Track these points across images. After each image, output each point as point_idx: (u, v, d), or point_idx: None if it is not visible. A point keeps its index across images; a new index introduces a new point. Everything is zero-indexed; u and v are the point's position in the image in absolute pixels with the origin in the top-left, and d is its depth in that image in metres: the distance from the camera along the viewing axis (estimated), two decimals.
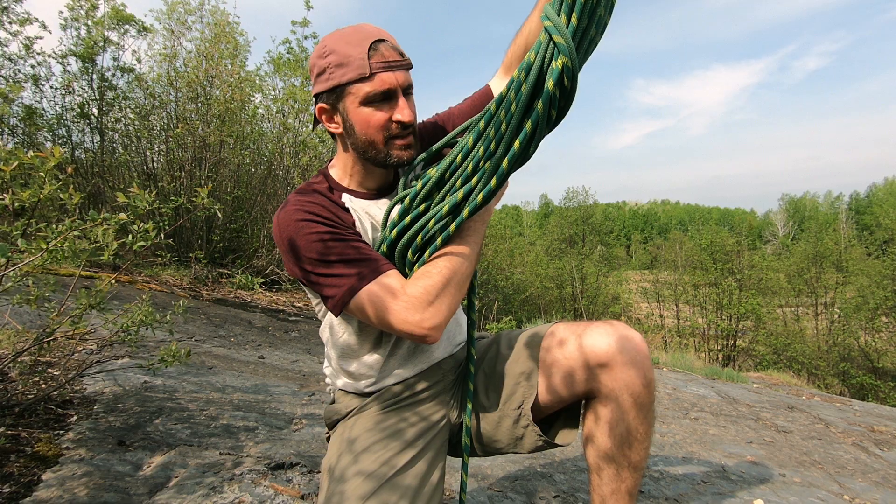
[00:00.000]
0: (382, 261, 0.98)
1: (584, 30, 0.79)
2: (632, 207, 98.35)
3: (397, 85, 0.98)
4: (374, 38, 0.97)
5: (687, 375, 5.05)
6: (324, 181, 1.11)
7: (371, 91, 0.96)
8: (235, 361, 3.05)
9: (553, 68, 0.78)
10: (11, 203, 1.22)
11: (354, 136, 1.02)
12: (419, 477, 0.99)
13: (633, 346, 0.98)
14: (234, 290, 5.51)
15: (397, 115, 0.99)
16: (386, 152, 1.02)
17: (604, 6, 0.79)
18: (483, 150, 0.90)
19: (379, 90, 0.96)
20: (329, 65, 0.98)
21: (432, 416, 1.11)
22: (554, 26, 0.76)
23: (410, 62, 1.02)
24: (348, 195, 1.09)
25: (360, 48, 0.96)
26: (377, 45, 0.97)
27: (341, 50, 0.97)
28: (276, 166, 6.93)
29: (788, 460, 2.59)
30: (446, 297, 0.93)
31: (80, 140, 5.86)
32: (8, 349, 1.89)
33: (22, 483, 1.33)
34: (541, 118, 0.83)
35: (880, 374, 14.25)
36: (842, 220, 56.53)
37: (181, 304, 1.97)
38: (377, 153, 1.03)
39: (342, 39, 0.98)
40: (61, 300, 1.84)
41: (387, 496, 0.93)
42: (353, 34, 0.98)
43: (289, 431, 2.04)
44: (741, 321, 18.49)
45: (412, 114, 1.00)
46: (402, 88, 0.99)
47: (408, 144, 1.03)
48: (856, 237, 35.50)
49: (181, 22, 6.10)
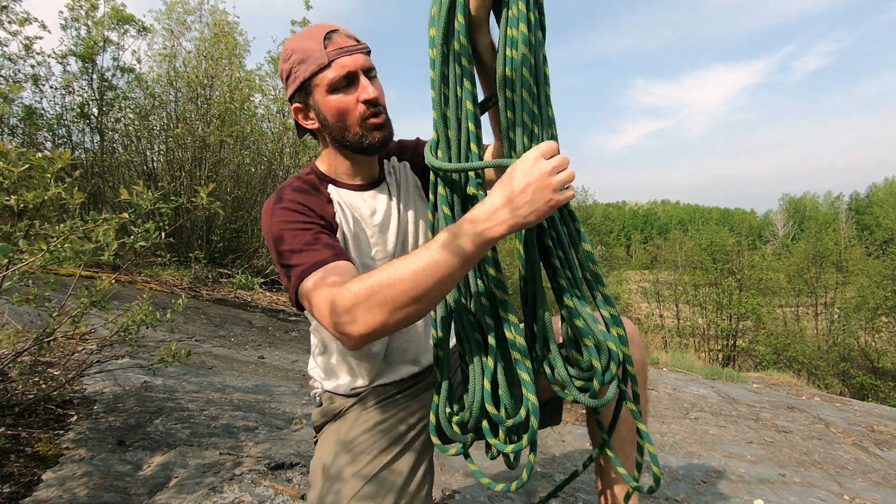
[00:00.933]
0: (340, 254, 0.95)
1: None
2: (632, 207, 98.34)
3: (357, 67, 1.01)
4: (328, 30, 1.02)
5: (687, 375, 5.05)
6: (312, 174, 1.13)
7: (334, 77, 1.00)
8: (235, 361, 3.05)
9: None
10: (17, 204, 1.22)
11: (329, 126, 1.06)
12: (405, 473, 1.02)
13: (631, 328, 1.10)
14: (234, 290, 5.51)
15: (362, 95, 1.02)
16: (361, 133, 1.05)
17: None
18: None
19: (340, 75, 1.00)
20: (293, 64, 1.03)
21: (420, 414, 1.13)
22: None
23: (367, 46, 1.07)
24: (334, 186, 1.12)
25: (316, 41, 1.01)
26: (331, 34, 1.02)
27: (300, 47, 1.02)
28: (276, 166, 6.93)
29: (788, 460, 2.59)
30: (385, 307, 0.79)
31: (80, 140, 5.86)
32: (8, 349, 1.89)
33: (22, 483, 1.33)
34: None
35: (880, 374, 14.25)
36: (842, 220, 56.53)
37: (181, 301, 1.97)
38: (353, 136, 1.05)
39: (300, 38, 1.04)
40: (61, 300, 1.84)
41: (374, 492, 0.96)
42: (308, 32, 1.04)
43: (289, 431, 2.04)
44: (741, 321, 18.49)
45: (376, 91, 1.03)
46: (363, 69, 1.03)
47: (380, 124, 1.05)
48: (856, 237, 35.51)
49: (181, 22, 6.10)
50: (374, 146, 1.06)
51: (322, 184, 1.11)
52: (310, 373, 1.23)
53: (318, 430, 1.17)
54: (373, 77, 1.06)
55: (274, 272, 6.34)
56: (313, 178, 1.12)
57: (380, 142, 1.06)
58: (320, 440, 1.13)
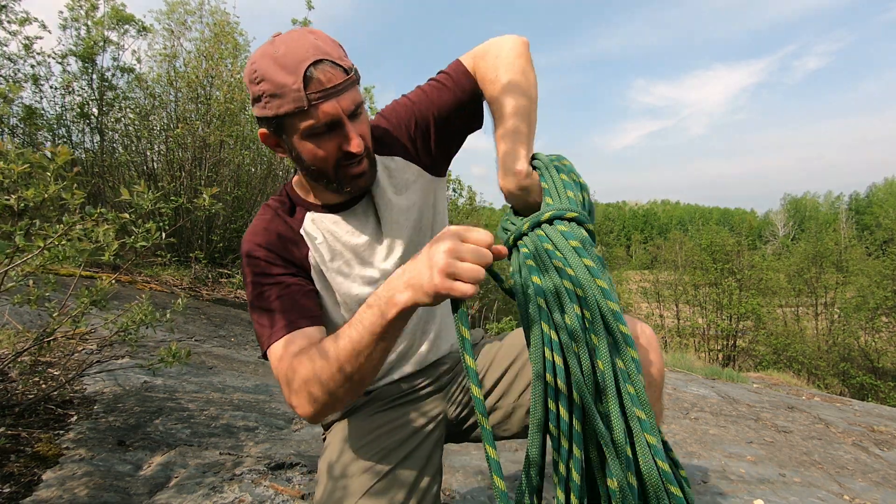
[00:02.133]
0: (292, 314, 0.92)
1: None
2: (632, 207, 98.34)
3: (341, 114, 0.87)
4: (310, 61, 0.84)
5: (687, 375, 5.05)
6: (286, 201, 1.06)
7: (313, 124, 0.86)
8: (235, 361, 3.05)
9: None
10: (17, 203, 1.22)
11: (304, 165, 0.95)
12: (415, 471, 1.00)
13: (650, 333, 1.01)
14: (234, 290, 5.51)
15: (345, 146, 0.90)
16: (338, 181, 0.95)
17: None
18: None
19: (322, 122, 0.87)
20: (263, 93, 0.86)
21: (430, 412, 1.12)
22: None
23: (355, 76, 0.91)
24: (312, 213, 1.04)
25: (294, 76, 0.83)
26: (313, 69, 0.84)
27: (273, 78, 0.84)
28: (276, 166, 6.93)
29: (788, 460, 2.59)
30: (313, 393, 0.82)
31: (79, 140, 5.86)
32: (8, 349, 1.89)
33: (22, 483, 1.33)
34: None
35: (880, 374, 14.24)
36: (842, 220, 56.48)
37: (181, 301, 1.97)
38: (328, 182, 0.96)
39: (274, 63, 0.84)
40: (61, 300, 1.84)
41: (386, 489, 0.95)
42: (284, 56, 0.84)
43: (289, 431, 2.04)
44: (741, 321, 18.48)
45: (361, 143, 0.90)
46: (348, 113, 0.89)
47: (360, 173, 0.95)
48: (856, 237, 35.48)
49: (181, 22, 6.10)
50: (351, 194, 0.99)
51: (297, 210, 1.04)
52: None
53: (327, 427, 1.17)
54: (358, 115, 0.92)
55: None
56: (287, 207, 1.05)
57: (360, 189, 0.98)
58: (329, 437, 1.13)
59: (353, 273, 1.03)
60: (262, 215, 1.04)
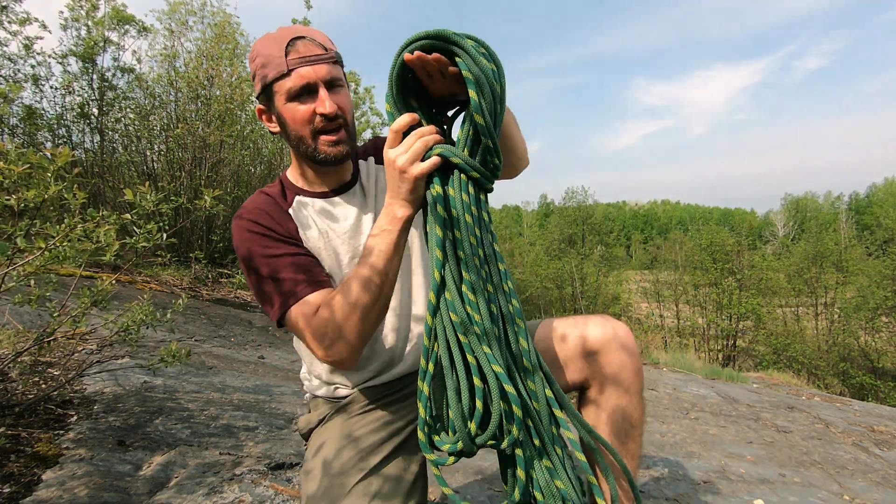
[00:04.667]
0: (302, 281, 0.99)
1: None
2: (632, 207, 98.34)
3: (316, 78, 0.99)
4: (293, 36, 0.99)
5: (687, 375, 5.05)
6: (277, 185, 1.13)
7: (292, 87, 0.98)
8: (235, 361, 3.05)
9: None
10: (17, 204, 1.23)
11: (287, 133, 1.04)
12: (402, 468, 1.03)
13: (624, 333, 1.05)
14: (234, 290, 5.51)
15: (319, 108, 0.99)
16: (314, 147, 1.02)
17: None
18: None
19: (298, 85, 0.98)
20: (257, 67, 1.01)
21: (409, 414, 1.13)
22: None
23: (335, 56, 1.03)
24: (302, 196, 1.11)
25: (279, 47, 0.98)
26: (295, 42, 0.99)
27: (264, 51, 1.00)
28: (276, 166, 6.94)
29: (788, 460, 2.59)
30: (351, 330, 0.92)
31: (80, 140, 5.87)
32: (8, 349, 1.89)
33: (22, 483, 1.33)
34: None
35: (880, 374, 14.25)
36: (842, 220, 56.47)
37: (181, 301, 1.97)
38: (307, 148, 1.03)
39: (265, 42, 1.01)
40: (62, 300, 1.84)
41: (374, 485, 0.98)
42: (274, 35, 1.01)
43: (289, 431, 2.04)
44: (741, 321, 18.49)
45: (333, 105, 0.99)
46: (325, 81, 1.00)
47: (336, 140, 1.02)
48: (856, 237, 35.46)
49: (182, 22, 6.10)
50: (328, 161, 1.04)
51: (288, 195, 1.11)
52: (301, 378, 1.24)
53: (306, 437, 1.18)
54: (337, 88, 1.02)
55: None
56: (277, 190, 1.11)
57: (335, 158, 1.03)
58: (312, 442, 1.13)
59: (339, 252, 1.08)
60: (254, 198, 1.10)
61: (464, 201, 0.83)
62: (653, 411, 3.34)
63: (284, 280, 0.98)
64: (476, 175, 0.84)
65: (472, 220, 0.83)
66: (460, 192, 0.84)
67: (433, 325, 0.83)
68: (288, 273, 0.99)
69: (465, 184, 0.84)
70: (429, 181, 0.86)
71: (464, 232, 0.82)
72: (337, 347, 0.93)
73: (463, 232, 0.82)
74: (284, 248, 1.02)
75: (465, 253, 0.81)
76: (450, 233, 0.83)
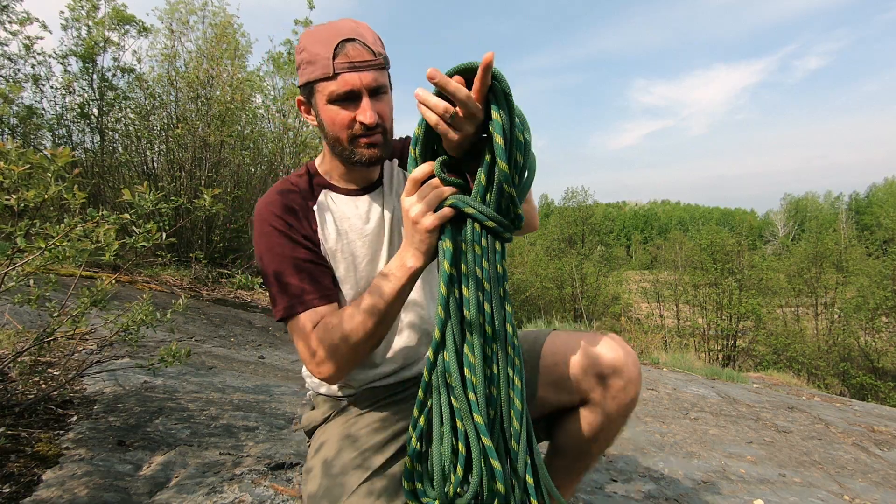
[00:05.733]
0: (310, 291, 1.01)
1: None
2: (632, 207, 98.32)
3: (361, 86, 0.97)
4: (344, 38, 0.96)
5: (687, 375, 5.05)
6: (304, 176, 1.12)
7: (335, 90, 0.97)
8: (235, 361, 3.05)
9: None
10: (17, 204, 1.22)
11: (324, 131, 1.04)
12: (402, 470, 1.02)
13: (634, 361, 1.01)
14: (234, 290, 5.51)
15: (360, 117, 0.98)
16: (350, 150, 1.02)
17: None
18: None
19: (342, 90, 0.96)
20: (302, 61, 1.00)
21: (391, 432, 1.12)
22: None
23: (383, 62, 1.00)
24: (328, 191, 1.11)
25: (327, 47, 0.96)
26: (345, 44, 0.96)
27: (311, 48, 0.98)
28: (277, 166, 6.94)
29: (788, 460, 2.59)
30: (341, 355, 0.95)
31: (80, 140, 5.87)
32: (8, 349, 1.89)
33: (22, 483, 1.33)
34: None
35: (880, 374, 14.25)
36: (842, 220, 56.46)
37: (181, 301, 1.97)
38: (342, 150, 1.03)
39: (315, 37, 0.99)
40: (62, 300, 1.84)
41: (378, 484, 0.98)
42: (325, 31, 0.98)
43: (289, 431, 2.04)
44: (741, 321, 18.50)
45: (375, 115, 0.98)
46: (369, 89, 0.97)
47: (372, 143, 1.01)
48: (856, 237, 35.45)
49: (183, 22, 6.10)
50: (361, 164, 1.04)
51: (314, 188, 1.10)
52: (303, 375, 1.24)
53: (310, 434, 1.19)
54: (380, 95, 1.00)
55: None
56: (304, 181, 1.11)
57: (368, 161, 1.03)
58: (315, 440, 1.14)
59: (356, 255, 1.08)
60: (279, 186, 1.09)
61: (475, 254, 0.81)
62: (653, 411, 3.34)
63: (293, 284, 1.00)
64: (492, 224, 0.80)
65: (482, 273, 0.80)
66: (472, 244, 0.81)
67: (429, 380, 0.83)
68: (298, 278, 1.01)
69: (478, 234, 0.81)
70: (443, 231, 0.84)
71: (472, 290, 0.79)
72: (325, 367, 0.97)
73: (471, 290, 0.79)
74: (299, 251, 1.03)
75: (471, 313, 0.79)
76: (456, 290, 0.81)
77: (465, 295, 0.80)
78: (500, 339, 0.82)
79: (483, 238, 0.81)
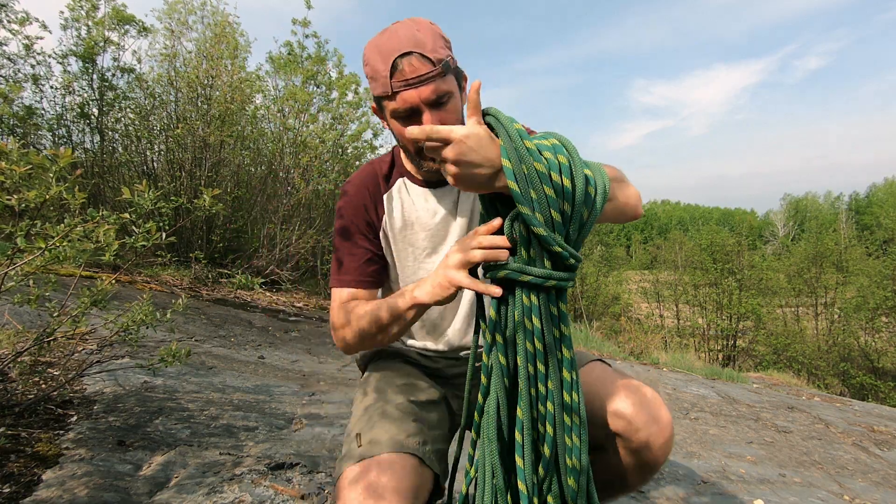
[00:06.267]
0: (354, 274, 1.13)
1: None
2: None
3: (419, 102, 0.96)
4: (401, 52, 0.94)
5: (687, 375, 5.05)
6: (388, 161, 1.18)
7: (396, 108, 0.97)
8: (235, 361, 3.05)
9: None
10: (18, 204, 1.23)
11: (396, 139, 1.09)
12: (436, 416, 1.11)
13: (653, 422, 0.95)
14: (234, 290, 5.51)
15: None
16: (418, 161, 1.06)
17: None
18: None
19: (401, 108, 0.97)
20: (368, 75, 1.01)
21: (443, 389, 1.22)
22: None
23: (443, 69, 0.96)
24: (404, 180, 1.16)
25: (385, 65, 0.95)
26: (401, 60, 0.94)
27: (372, 63, 0.98)
28: (277, 166, 6.93)
29: (788, 460, 2.59)
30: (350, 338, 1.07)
31: (80, 140, 5.86)
32: (8, 349, 1.89)
33: (22, 483, 1.33)
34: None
35: (880, 374, 14.25)
36: (842, 220, 56.44)
37: (181, 301, 1.97)
38: (412, 160, 1.08)
39: (375, 50, 0.98)
40: (61, 300, 1.84)
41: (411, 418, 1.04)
42: (385, 43, 0.97)
43: (289, 431, 2.04)
44: (741, 321, 18.48)
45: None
46: (428, 102, 0.96)
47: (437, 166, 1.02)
48: (856, 237, 35.43)
49: (182, 22, 6.10)
50: (430, 173, 1.08)
51: (393, 174, 1.16)
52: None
53: (363, 369, 1.32)
54: (443, 104, 0.98)
55: (274, 272, 6.36)
56: (386, 167, 1.17)
57: (435, 171, 1.04)
58: (368, 371, 1.24)
59: (416, 246, 1.15)
60: (365, 169, 1.18)
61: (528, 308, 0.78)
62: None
63: (345, 264, 1.13)
64: (552, 284, 0.76)
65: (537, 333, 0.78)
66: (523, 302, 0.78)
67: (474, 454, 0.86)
68: (348, 260, 1.13)
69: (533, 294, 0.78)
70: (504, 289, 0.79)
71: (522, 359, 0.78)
72: (338, 338, 1.09)
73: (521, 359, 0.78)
74: (359, 239, 1.14)
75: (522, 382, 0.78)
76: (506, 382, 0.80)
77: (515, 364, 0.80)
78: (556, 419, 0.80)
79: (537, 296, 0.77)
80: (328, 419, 2.24)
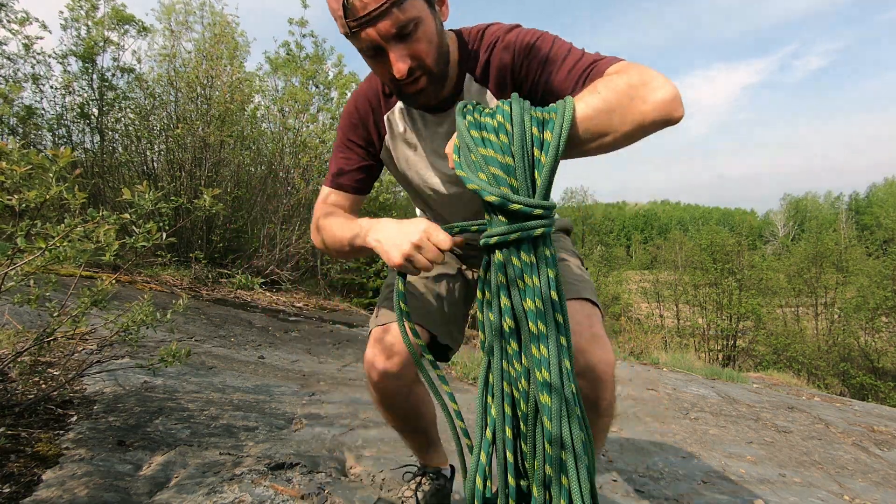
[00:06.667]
0: (340, 178, 1.22)
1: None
2: (632, 207, 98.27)
3: (378, 39, 0.89)
4: None
5: (687, 375, 5.05)
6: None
7: (360, 47, 0.93)
8: (235, 361, 3.05)
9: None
10: (18, 204, 1.23)
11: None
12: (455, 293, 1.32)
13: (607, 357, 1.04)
14: (234, 290, 5.51)
15: (392, 72, 0.93)
16: (402, 95, 1.03)
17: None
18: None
19: (365, 47, 0.92)
20: (332, 14, 0.94)
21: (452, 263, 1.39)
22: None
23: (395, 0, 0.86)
24: (404, 104, 1.15)
25: (337, 3, 0.89)
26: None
27: (330, 2, 0.91)
28: (277, 166, 6.94)
29: (788, 460, 2.59)
30: (321, 239, 1.18)
31: (80, 140, 5.86)
32: (8, 349, 1.89)
33: (22, 483, 1.33)
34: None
35: (880, 374, 14.25)
36: (842, 220, 56.47)
37: (181, 301, 1.97)
38: (395, 93, 1.04)
39: None
40: (61, 300, 1.84)
41: (434, 282, 1.30)
42: None
43: (289, 431, 2.04)
44: (741, 321, 18.49)
45: (404, 67, 0.91)
46: (389, 37, 0.89)
47: (418, 90, 0.98)
48: (856, 237, 35.46)
49: (182, 22, 6.10)
50: (416, 106, 1.08)
51: (393, 97, 1.15)
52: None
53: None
54: (409, 35, 0.90)
55: (274, 272, 6.36)
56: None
57: (421, 104, 1.04)
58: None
59: (409, 162, 1.21)
60: (369, 83, 1.19)
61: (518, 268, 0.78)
62: (653, 411, 3.34)
63: (335, 167, 1.22)
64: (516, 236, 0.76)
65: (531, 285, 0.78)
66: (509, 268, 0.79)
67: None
68: (340, 163, 1.21)
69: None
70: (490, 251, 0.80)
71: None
72: (313, 235, 1.22)
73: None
74: (354, 148, 1.21)
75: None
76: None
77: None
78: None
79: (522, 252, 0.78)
80: (328, 419, 2.24)
